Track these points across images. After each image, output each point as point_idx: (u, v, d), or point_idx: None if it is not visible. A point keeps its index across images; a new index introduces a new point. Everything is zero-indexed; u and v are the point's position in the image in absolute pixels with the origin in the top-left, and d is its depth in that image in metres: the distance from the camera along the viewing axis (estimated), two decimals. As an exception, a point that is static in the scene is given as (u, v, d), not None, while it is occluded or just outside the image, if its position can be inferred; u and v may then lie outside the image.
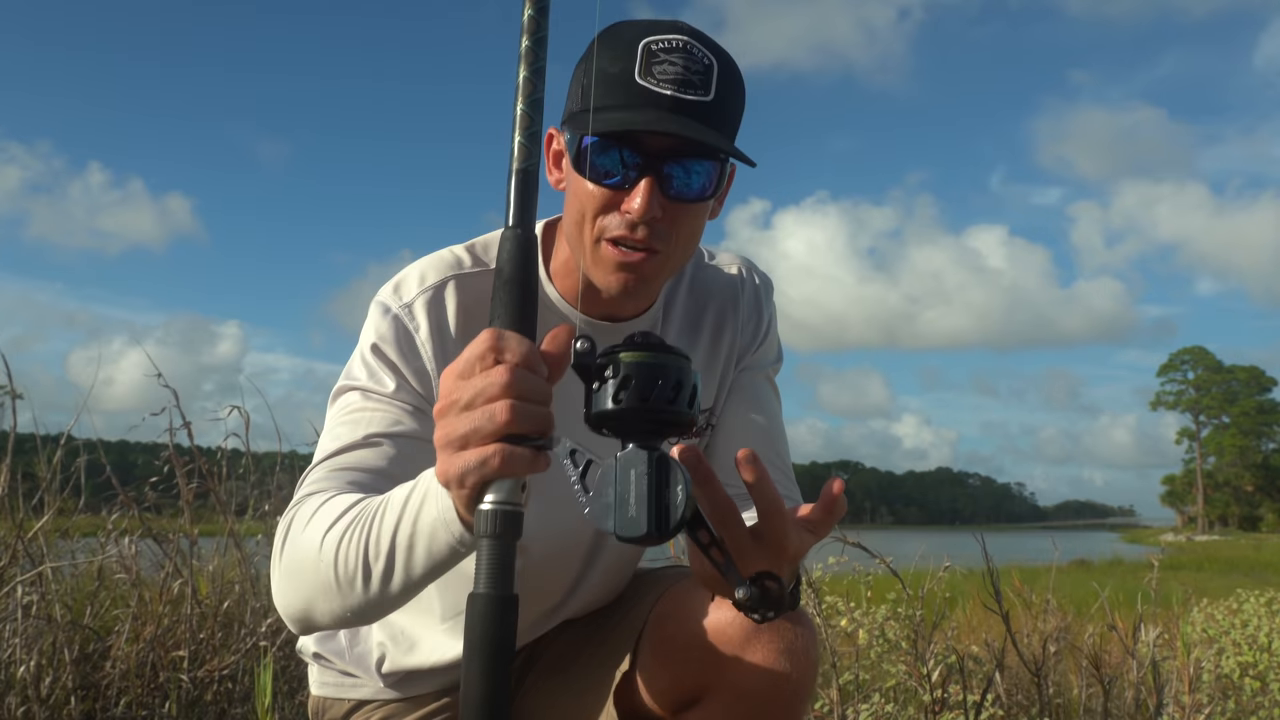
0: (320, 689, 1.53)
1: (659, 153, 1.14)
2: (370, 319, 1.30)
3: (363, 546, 0.99)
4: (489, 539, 0.84)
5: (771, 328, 1.51)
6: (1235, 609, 5.10)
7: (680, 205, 1.18)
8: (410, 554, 0.96)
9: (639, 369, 0.84)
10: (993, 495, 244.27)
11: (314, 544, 1.04)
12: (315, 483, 1.16)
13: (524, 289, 0.89)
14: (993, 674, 2.77)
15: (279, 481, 3.26)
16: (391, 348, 1.26)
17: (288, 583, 1.08)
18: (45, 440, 2.79)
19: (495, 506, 0.84)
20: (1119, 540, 51.10)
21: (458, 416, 0.84)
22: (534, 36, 0.94)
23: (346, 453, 1.19)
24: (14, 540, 2.59)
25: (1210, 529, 72.68)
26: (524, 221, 0.91)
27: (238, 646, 2.70)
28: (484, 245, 1.36)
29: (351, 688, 1.49)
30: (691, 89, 1.14)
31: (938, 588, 3.22)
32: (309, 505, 1.10)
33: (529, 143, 0.92)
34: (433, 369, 1.26)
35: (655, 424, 0.85)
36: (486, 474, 0.83)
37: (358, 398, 1.25)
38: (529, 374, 0.84)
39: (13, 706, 2.36)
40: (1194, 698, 2.84)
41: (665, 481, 0.82)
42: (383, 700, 1.47)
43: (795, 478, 1.47)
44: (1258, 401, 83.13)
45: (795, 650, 1.23)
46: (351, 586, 1.00)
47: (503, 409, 0.82)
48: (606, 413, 0.84)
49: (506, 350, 0.84)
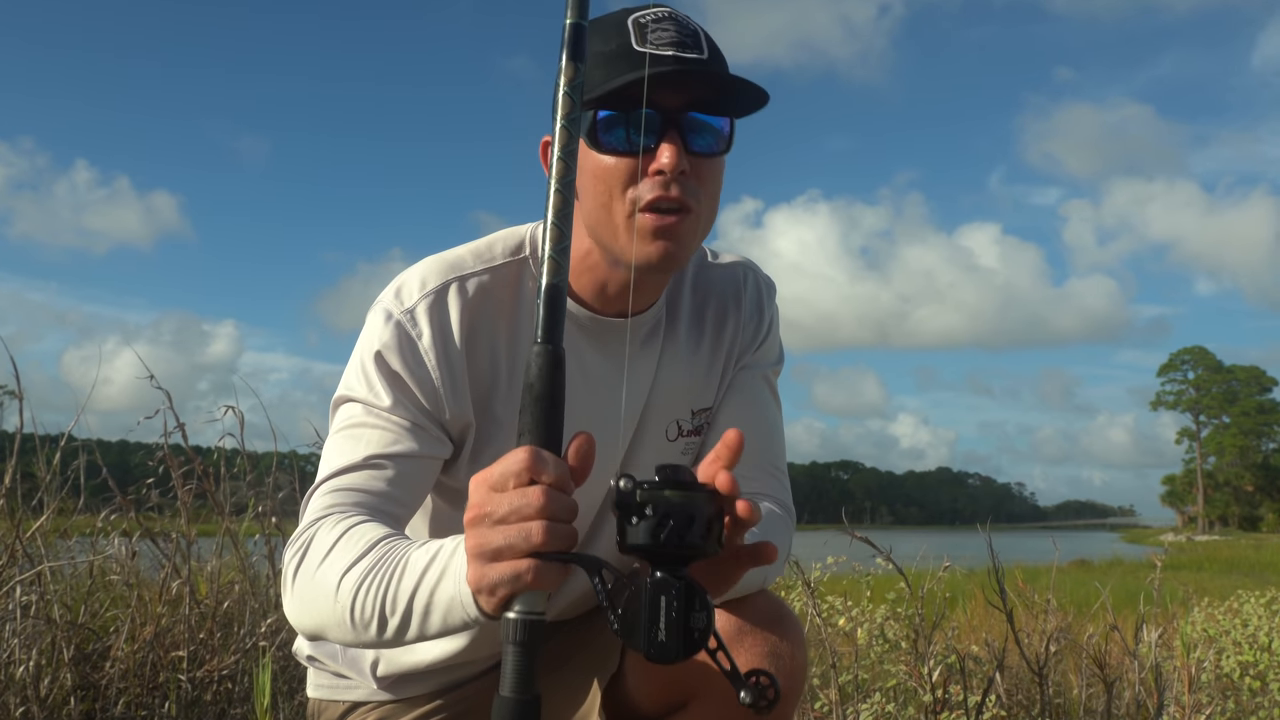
0: (316, 691, 1.53)
1: (674, 111, 1.16)
2: (370, 325, 1.28)
3: (379, 601, 1.03)
4: (515, 646, 0.89)
5: (773, 328, 1.50)
6: (1235, 609, 5.09)
7: (702, 160, 1.19)
8: (426, 619, 1.00)
9: (676, 510, 0.88)
10: (993, 495, 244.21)
11: (330, 583, 1.07)
12: (325, 506, 1.17)
13: (554, 405, 0.92)
14: (993, 674, 2.76)
15: (276, 482, 3.25)
16: (394, 356, 1.24)
17: (301, 607, 1.12)
18: (44, 440, 2.79)
19: (521, 616, 0.89)
20: (1119, 540, 51.15)
21: (491, 529, 0.88)
22: (565, 149, 0.97)
23: (350, 473, 1.20)
24: (13, 540, 2.59)
25: (1210, 529, 72.70)
26: (553, 338, 0.93)
27: (237, 647, 2.70)
28: (486, 245, 1.35)
29: (347, 689, 1.49)
30: (688, 49, 1.17)
31: (938, 587, 3.22)
32: (325, 533, 1.12)
33: (559, 258, 0.94)
34: (437, 377, 1.25)
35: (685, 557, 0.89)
36: (519, 588, 0.88)
37: (358, 411, 1.24)
38: (561, 495, 0.88)
39: (12, 706, 2.35)
40: (1194, 698, 2.84)
41: (691, 607, 0.87)
42: (377, 702, 1.47)
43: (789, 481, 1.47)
44: (1258, 401, 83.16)
45: (782, 653, 1.24)
46: (366, 630, 1.05)
47: (539, 530, 0.86)
48: (642, 546, 0.88)
49: (543, 472, 0.88)
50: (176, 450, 2.90)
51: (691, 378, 1.41)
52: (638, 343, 1.36)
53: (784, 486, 1.43)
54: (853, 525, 2.79)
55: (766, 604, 1.28)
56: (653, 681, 1.31)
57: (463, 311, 1.27)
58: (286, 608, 1.15)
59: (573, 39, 0.98)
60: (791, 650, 1.25)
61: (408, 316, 1.26)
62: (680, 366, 1.41)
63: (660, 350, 1.40)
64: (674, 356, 1.40)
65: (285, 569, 1.15)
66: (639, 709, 1.35)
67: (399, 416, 1.23)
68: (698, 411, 1.43)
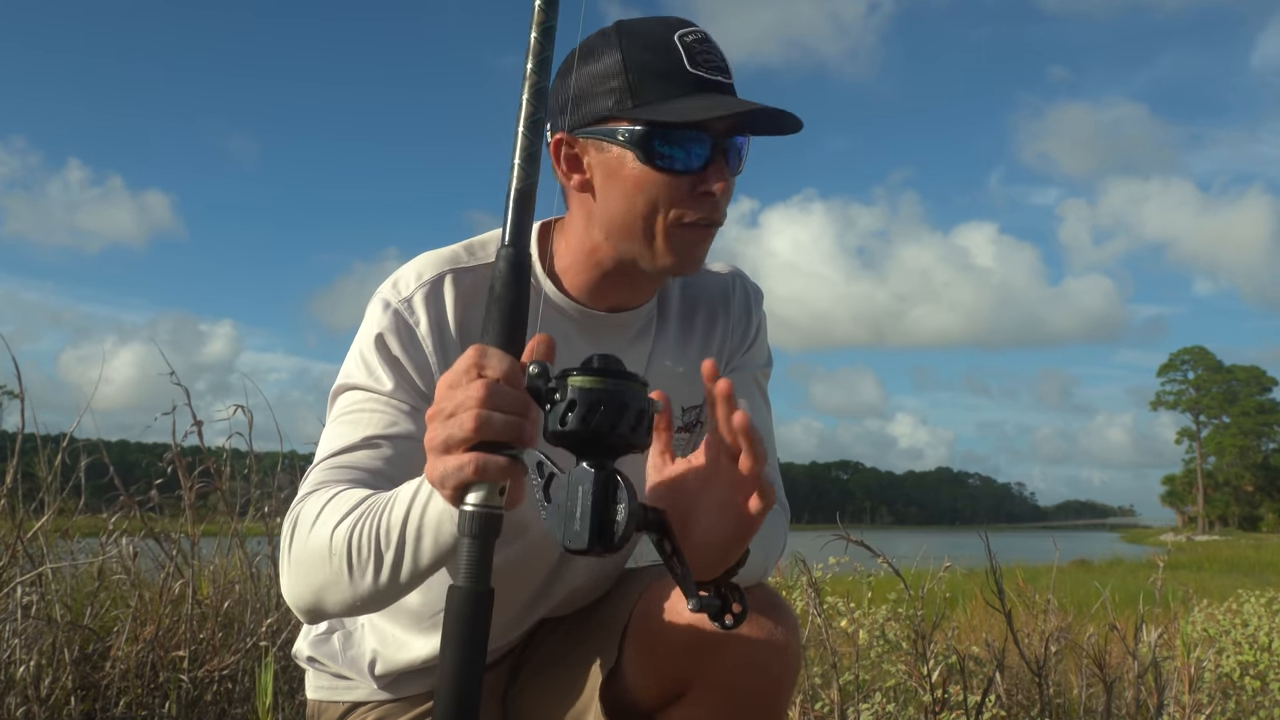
0: (316, 692, 1.54)
1: (721, 135, 1.23)
2: (369, 315, 1.31)
3: (374, 536, 1.06)
4: (468, 538, 0.92)
5: (761, 331, 1.54)
6: (1235, 609, 5.09)
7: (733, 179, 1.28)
8: (419, 544, 1.03)
9: (586, 395, 0.89)
10: (993, 495, 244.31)
11: (325, 536, 1.09)
12: (318, 480, 1.19)
13: (513, 307, 0.96)
14: (993, 674, 2.77)
15: (279, 482, 3.26)
16: (393, 341, 1.28)
17: (298, 574, 1.13)
18: (45, 440, 2.79)
19: (474, 509, 0.92)
20: (1119, 540, 51.16)
21: (440, 424, 0.91)
22: (538, 58, 1.00)
23: (347, 453, 1.22)
24: (14, 540, 2.59)
25: (1210, 529, 72.71)
26: (518, 241, 0.98)
27: (238, 647, 2.70)
28: (481, 243, 1.38)
29: (346, 690, 1.50)
30: (726, 75, 1.24)
31: (938, 588, 3.22)
32: (316, 500, 1.14)
33: (527, 164, 0.99)
34: (434, 362, 1.28)
35: (603, 446, 0.90)
36: (463, 479, 0.90)
37: (358, 397, 1.27)
38: (505, 388, 0.91)
39: (12, 707, 2.36)
40: (1194, 698, 2.84)
41: (608, 499, 0.88)
42: (377, 701, 1.48)
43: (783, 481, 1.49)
44: (1258, 401, 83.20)
45: (775, 643, 1.25)
46: (364, 575, 1.07)
47: (470, 419, 0.89)
48: (556, 433, 0.90)
49: (487, 366, 0.91)
50: (192, 450, 2.91)
51: (681, 375, 1.45)
52: (630, 338, 1.40)
53: (778, 483, 1.45)
54: (853, 525, 2.80)
55: (761, 593, 1.29)
56: (650, 674, 1.32)
57: (456, 301, 1.31)
58: (284, 586, 1.17)
59: None
60: (786, 637, 1.26)
61: (405, 305, 1.29)
62: (670, 363, 1.44)
63: (651, 346, 1.43)
64: (664, 353, 1.44)
65: (281, 543, 1.18)
66: (637, 702, 1.36)
67: (398, 400, 1.26)
68: (688, 409, 1.46)
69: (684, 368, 1.45)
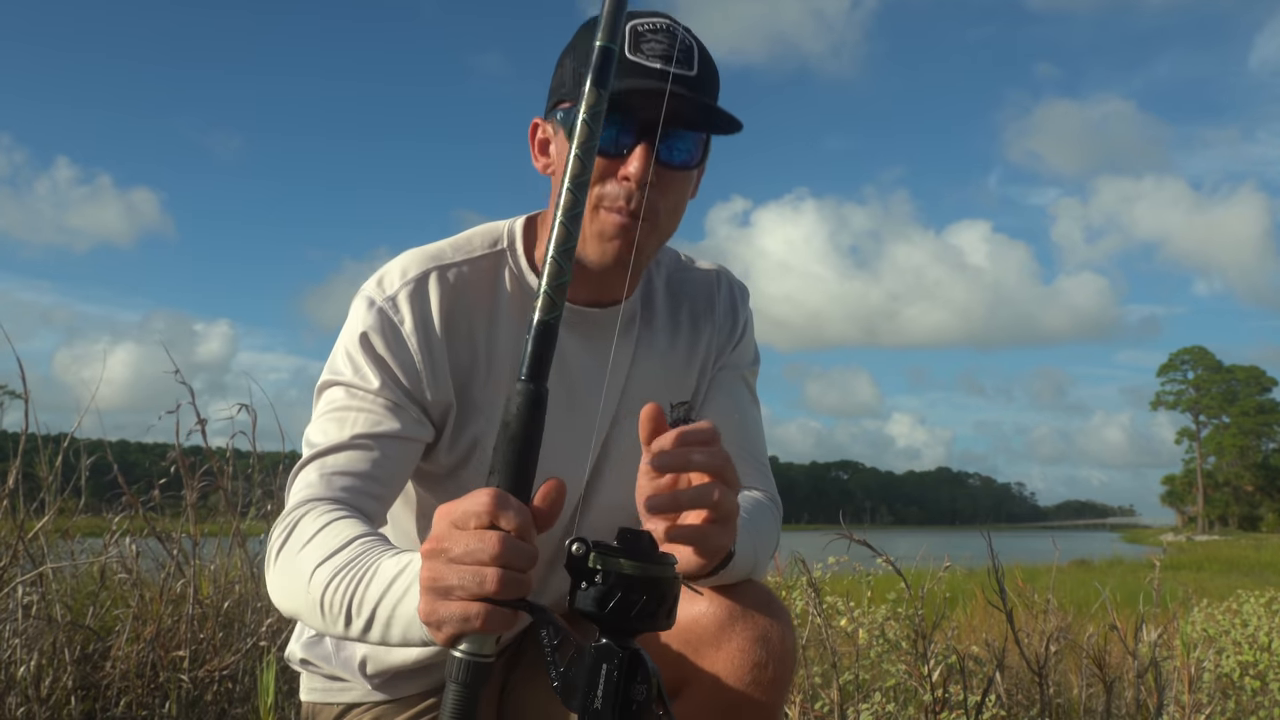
0: (310, 694, 1.53)
1: (650, 123, 1.20)
2: (354, 312, 1.33)
3: (347, 601, 1.06)
4: (456, 685, 0.89)
5: (748, 329, 1.55)
6: (1235, 609, 5.09)
7: (670, 173, 1.25)
8: (388, 628, 1.03)
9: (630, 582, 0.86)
10: (993, 495, 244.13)
11: (305, 572, 1.11)
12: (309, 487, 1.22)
13: (528, 446, 0.91)
14: (993, 674, 2.77)
15: (281, 481, 3.26)
16: (378, 339, 1.29)
17: (280, 588, 1.17)
18: (46, 440, 2.79)
19: (466, 656, 0.89)
20: (1119, 540, 51.11)
21: (446, 566, 0.87)
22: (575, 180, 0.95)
23: (336, 453, 1.24)
24: (15, 540, 2.59)
25: (1210, 529, 72.71)
26: (538, 375, 0.92)
27: (238, 646, 2.70)
28: (465, 238, 1.40)
29: (340, 691, 1.50)
30: (677, 65, 1.21)
31: (938, 587, 3.23)
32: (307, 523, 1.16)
33: (555, 294, 0.93)
34: (419, 360, 1.30)
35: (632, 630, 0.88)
36: (466, 629, 0.88)
37: (343, 394, 1.29)
38: (520, 545, 0.87)
39: (13, 706, 2.36)
40: (1194, 697, 2.84)
41: (633, 679, 0.87)
42: (371, 703, 1.47)
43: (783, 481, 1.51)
44: (1258, 401, 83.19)
45: (770, 638, 1.25)
46: (334, 624, 1.08)
47: (492, 577, 0.86)
48: (588, 613, 0.88)
49: (503, 517, 0.87)
50: (193, 450, 2.91)
51: (668, 370, 1.46)
52: (615, 334, 1.40)
53: (768, 479, 1.47)
54: (853, 525, 2.79)
55: (754, 591, 1.30)
56: None
57: (442, 299, 1.32)
58: (268, 585, 1.19)
59: (600, 63, 0.97)
60: (781, 633, 1.27)
61: (390, 303, 1.31)
62: (657, 359, 1.45)
63: (636, 341, 1.44)
64: (650, 349, 1.45)
65: (270, 546, 1.19)
66: None
67: (383, 398, 1.28)
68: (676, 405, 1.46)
69: (671, 364, 1.46)
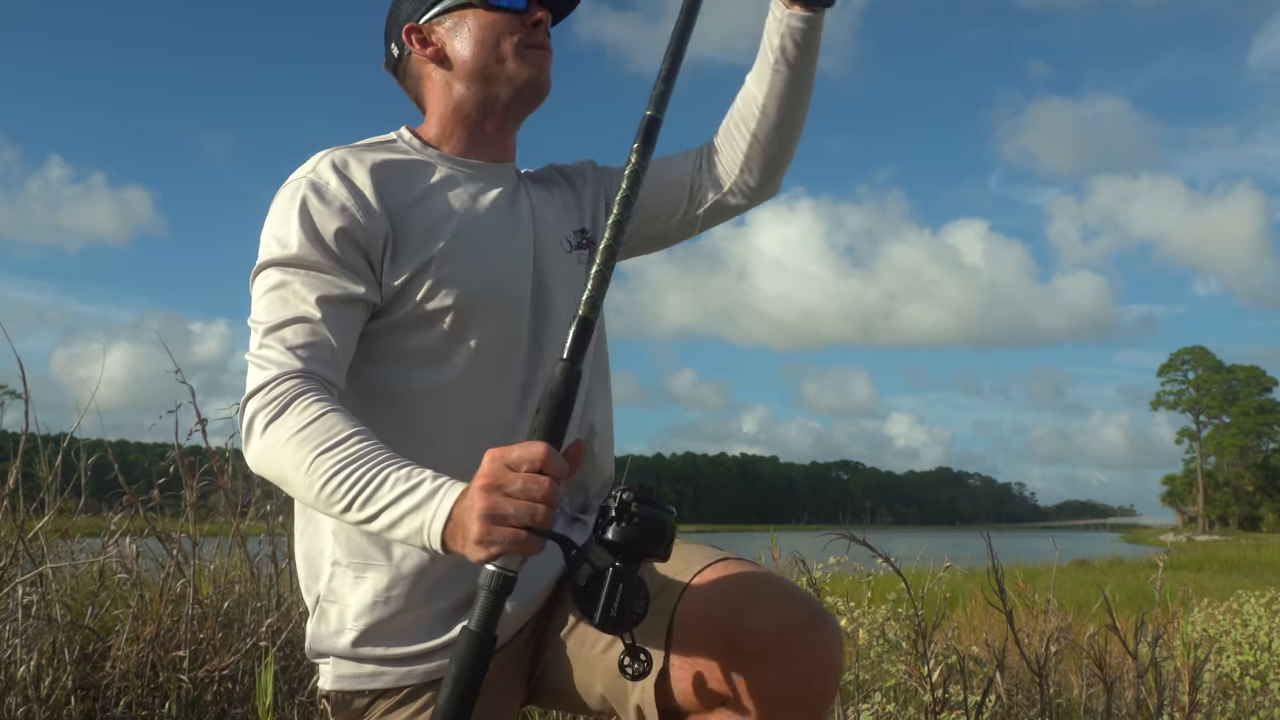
0: (337, 683, 1.51)
1: None
2: (278, 198, 1.42)
3: (353, 494, 1.18)
4: (489, 592, 1.13)
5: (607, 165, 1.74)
6: (1235, 609, 5.10)
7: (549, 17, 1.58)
8: (391, 529, 1.18)
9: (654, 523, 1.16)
10: (993, 495, 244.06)
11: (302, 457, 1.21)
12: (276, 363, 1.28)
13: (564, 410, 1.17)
14: (993, 674, 2.77)
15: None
16: (304, 206, 1.37)
17: (266, 459, 1.25)
18: (46, 440, 2.79)
19: (500, 570, 1.13)
20: (1119, 540, 51.15)
21: (505, 499, 1.10)
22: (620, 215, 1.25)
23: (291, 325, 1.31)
24: (15, 541, 2.59)
25: (1210, 529, 72.70)
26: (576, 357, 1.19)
27: (238, 647, 2.70)
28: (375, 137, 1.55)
29: (370, 679, 1.48)
30: None
31: (938, 588, 3.23)
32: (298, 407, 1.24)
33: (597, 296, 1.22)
34: (348, 200, 1.38)
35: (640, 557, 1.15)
36: (513, 550, 1.10)
37: (277, 273, 1.36)
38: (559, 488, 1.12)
39: (13, 706, 2.36)
40: (1194, 697, 2.84)
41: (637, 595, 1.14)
42: (403, 687, 1.47)
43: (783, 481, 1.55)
44: (1258, 401, 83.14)
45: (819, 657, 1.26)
46: (329, 508, 1.21)
47: (542, 513, 1.10)
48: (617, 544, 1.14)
49: (553, 467, 1.12)
50: (193, 449, 2.91)
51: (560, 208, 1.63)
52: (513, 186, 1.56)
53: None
54: (853, 525, 2.79)
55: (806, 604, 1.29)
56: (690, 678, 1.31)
57: (359, 162, 1.44)
58: (247, 452, 1.27)
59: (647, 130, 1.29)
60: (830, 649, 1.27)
61: (309, 173, 1.41)
62: (548, 202, 1.62)
63: (528, 193, 1.60)
64: (539, 197, 1.61)
65: (252, 417, 1.25)
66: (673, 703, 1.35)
67: (318, 259, 1.35)
68: (577, 231, 1.63)
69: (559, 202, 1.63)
